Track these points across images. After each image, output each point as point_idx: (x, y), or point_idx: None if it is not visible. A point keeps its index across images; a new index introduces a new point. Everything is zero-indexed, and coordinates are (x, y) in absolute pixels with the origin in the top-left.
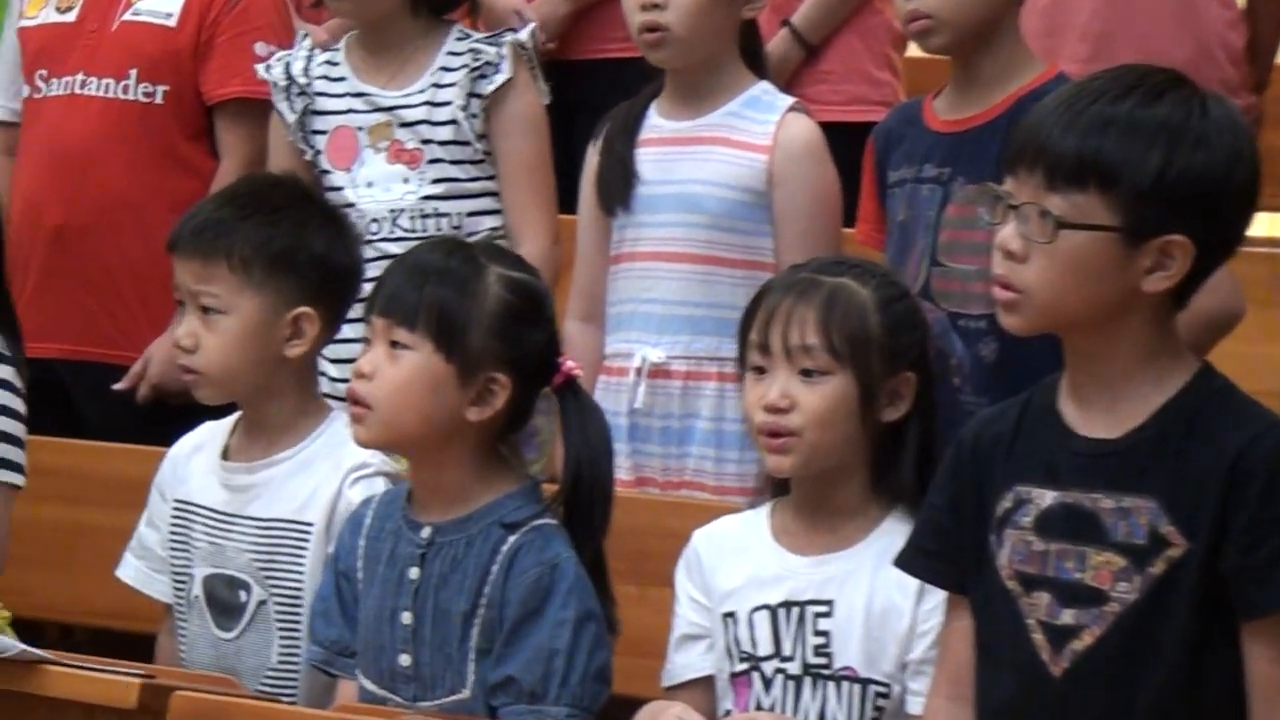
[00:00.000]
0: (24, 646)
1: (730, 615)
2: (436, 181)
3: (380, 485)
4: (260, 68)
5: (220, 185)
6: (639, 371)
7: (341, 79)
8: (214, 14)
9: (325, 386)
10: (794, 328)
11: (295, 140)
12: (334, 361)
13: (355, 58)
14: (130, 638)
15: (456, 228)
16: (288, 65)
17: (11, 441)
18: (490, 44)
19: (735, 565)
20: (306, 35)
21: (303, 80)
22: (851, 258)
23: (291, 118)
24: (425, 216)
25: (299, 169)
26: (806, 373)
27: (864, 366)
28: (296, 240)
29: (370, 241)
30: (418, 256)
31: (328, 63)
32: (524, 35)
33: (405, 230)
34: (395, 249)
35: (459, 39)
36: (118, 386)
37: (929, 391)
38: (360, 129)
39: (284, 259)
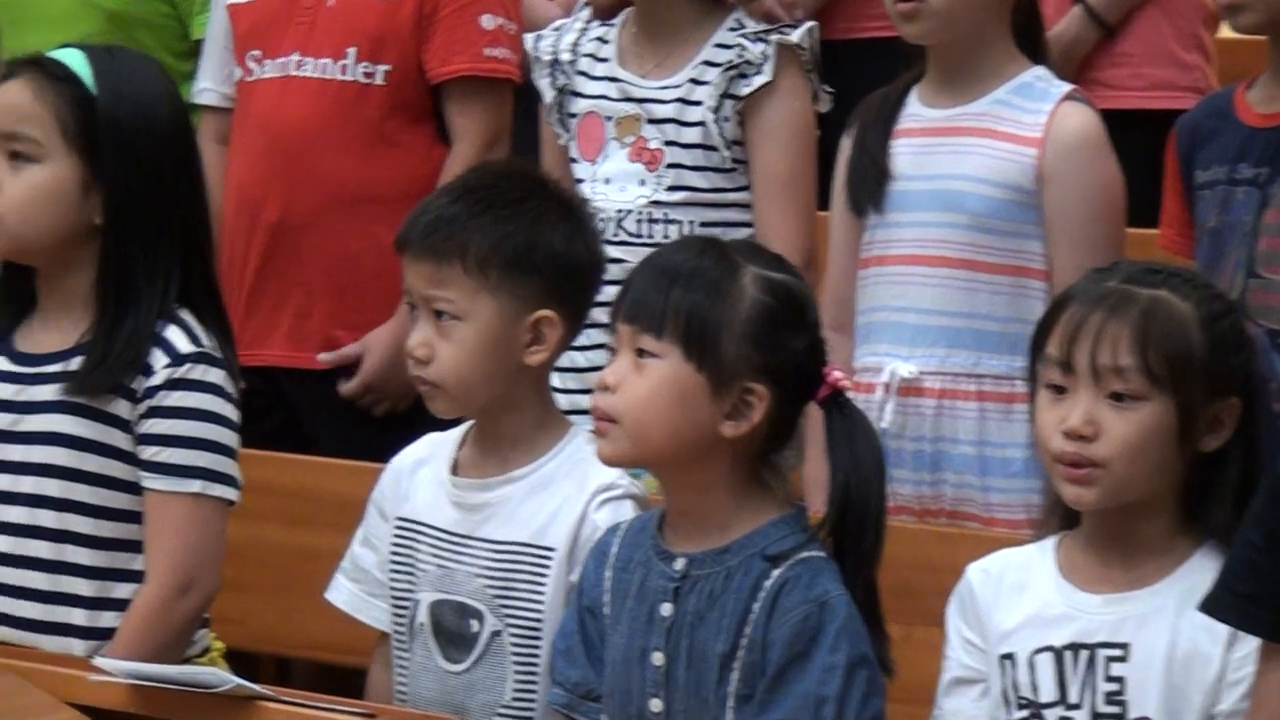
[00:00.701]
0: (239, 681)
1: (1008, 657)
2: (673, 188)
3: (628, 510)
4: (529, 38)
5: (453, 172)
6: (888, 388)
7: (604, 60)
8: None
9: None
10: (1104, 346)
11: (552, 123)
12: (560, 371)
13: (625, 37)
14: (344, 671)
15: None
16: (557, 39)
17: (223, 452)
18: (756, 41)
19: (1015, 603)
20: (586, 4)
21: (567, 57)
22: (1166, 265)
23: (549, 96)
24: (654, 222)
25: (560, 156)
26: (1116, 396)
27: (1184, 392)
28: (534, 237)
29: None
30: (666, 257)
31: (599, 39)
32: (796, 36)
33: (630, 234)
34: (619, 253)
35: (731, 29)
36: (323, 356)
37: (1253, 418)
38: (609, 119)
39: (522, 258)
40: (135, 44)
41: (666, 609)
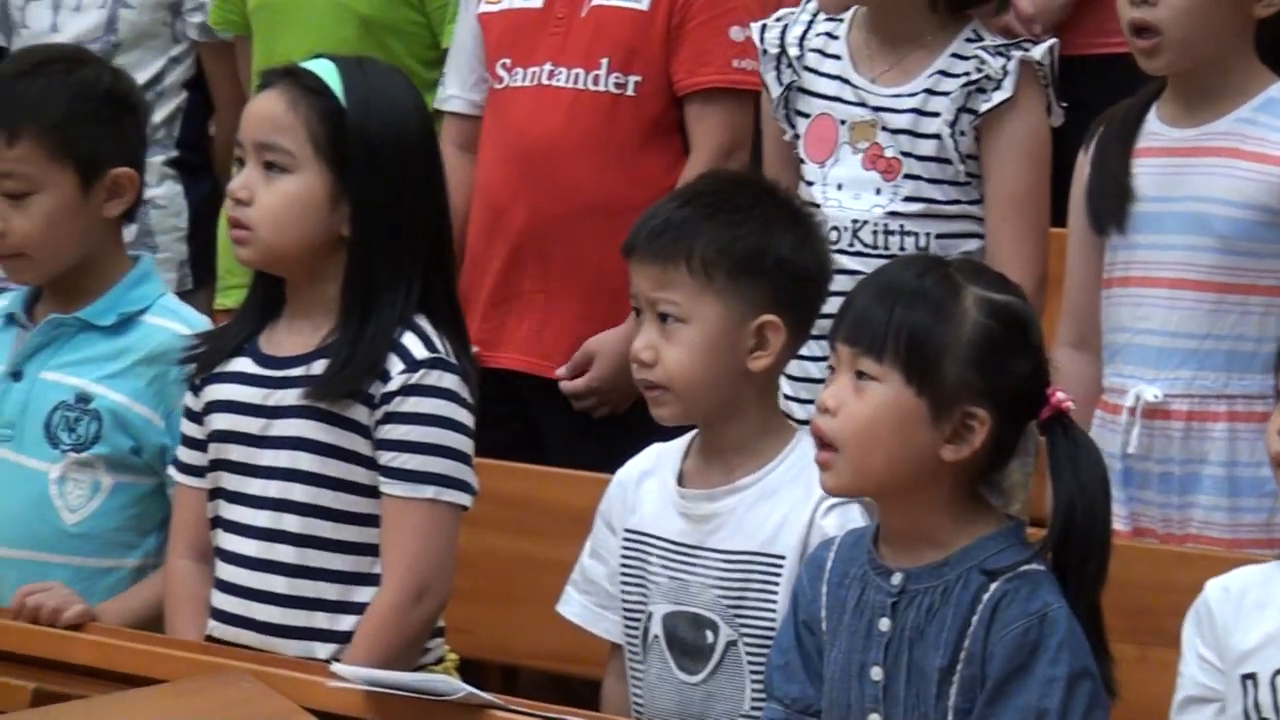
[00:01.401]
0: (470, 689)
1: (1250, 677)
2: (910, 199)
3: (856, 514)
4: (755, 27)
5: (687, 180)
6: (1133, 412)
7: (835, 57)
8: None
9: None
10: None
11: (778, 118)
12: (790, 379)
13: (856, 38)
14: (573, 681)
15: (923, 249)
16: (783, 31)
17: (457, 458)
18: (997, 55)
19: (1256, 621)
20: None
21: (794, 51)
22: None
23: (776, 91)
24: (890, 233)
25: (783, 151)
26: None
27: None
28: (762, 242)
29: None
30: (887, 276)
31: (827, 35)
32: (1038, 53)
33: (866, 245)
34: (853, 264)
35: (969, 40)
36: (560, 371)
37: None
38: (843, 122)
39: (748, 262)
40: (385, 50)
41: (884, 624)
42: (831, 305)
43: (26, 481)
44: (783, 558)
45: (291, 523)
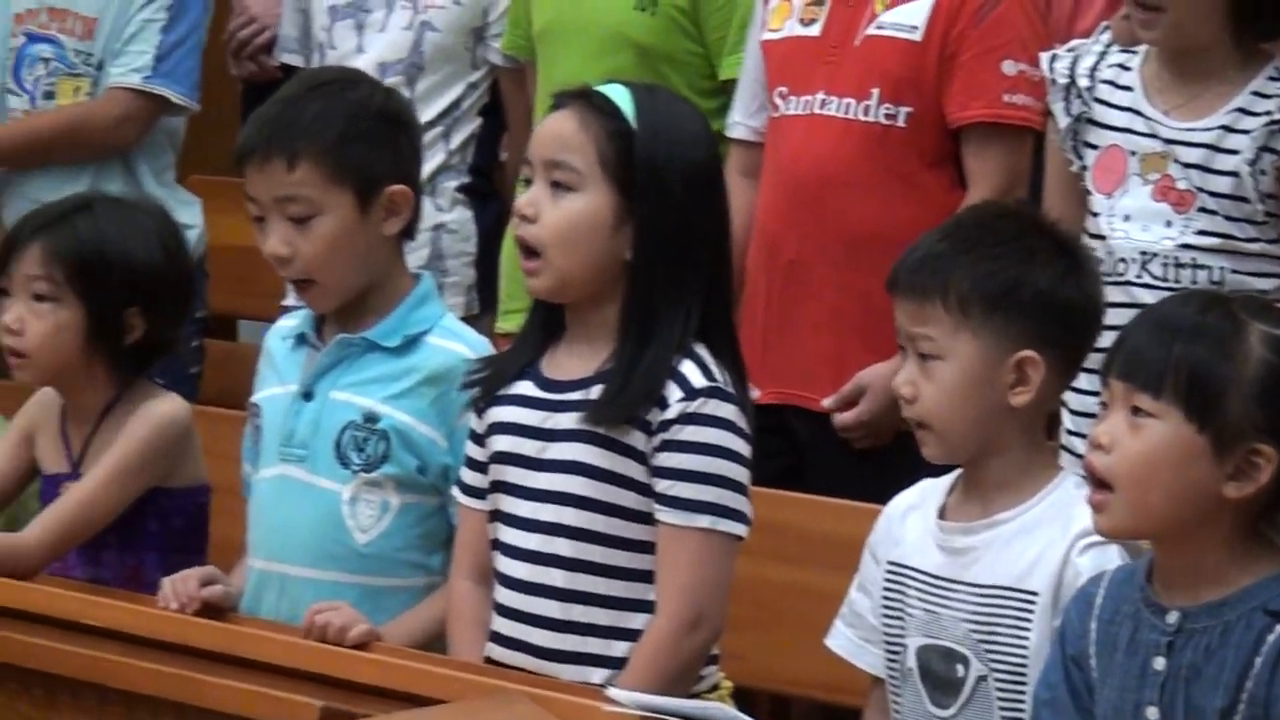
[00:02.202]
0: (744, 718)
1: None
2: (1205, 233)
3: (1114, 556)
4: (1045, 58)
5: None
6: None
7: (1127, 89)
8: (959, 27)
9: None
10: None
11: (1065, 148)
12: (1073, 413)
13: (1149, 70)
14: (843, 712)
15: (1217, 283)
16: (1074, 62)
17: (733, 488)
18: None
19: None
20: (1107, 28)
21: (1085, 82)
22: None
23: (1065, 121)
24: (1181, 266)
25: (1067, 182)
26: None
27: None
28: (1020, 276)
29: (1115, 283)
30: (1165, 311)
31: (1119, 66)
32: None
33: (1156, 278)
34: (1145, 296)
35: (1271, 78)
36: (826, 403)
37: None
38: (1133, 154)
39: (1004, 297)
40: (661, 79)
41: (1160, 663)
42: (1108, 339)
43: (320, 501)
44: (1036, 594)
45: (563, 546)
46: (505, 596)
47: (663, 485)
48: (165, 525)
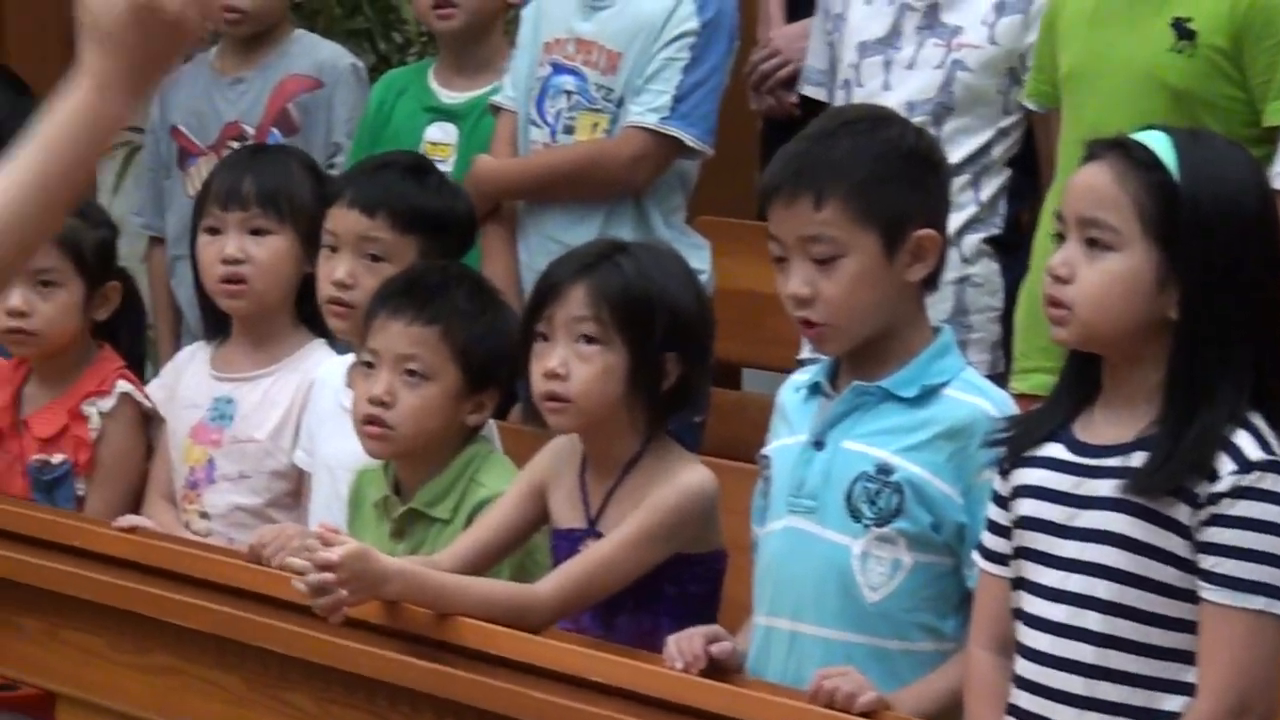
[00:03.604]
0: None
1: None
2: None
3: None
4: None
5: None
6: None
7: None
8: None
9: None
10: None
11: None
12: None
13: None
14: None
15: None
16: None
17: None
18: None
19: None
20: None
21: None
22: None
23: None
24: None
25: None
26: None
27: None
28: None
29: None
30: None
31: None
32: None
33: None
34: None
35: None
36: None
37: None
38: None
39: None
40: (1196, 125)
41: None
42: None
43: (829, 556)
44: None
45: (1093, 620)
46: (1027, 669)
47: (1210, 562)
48: (682, 590)
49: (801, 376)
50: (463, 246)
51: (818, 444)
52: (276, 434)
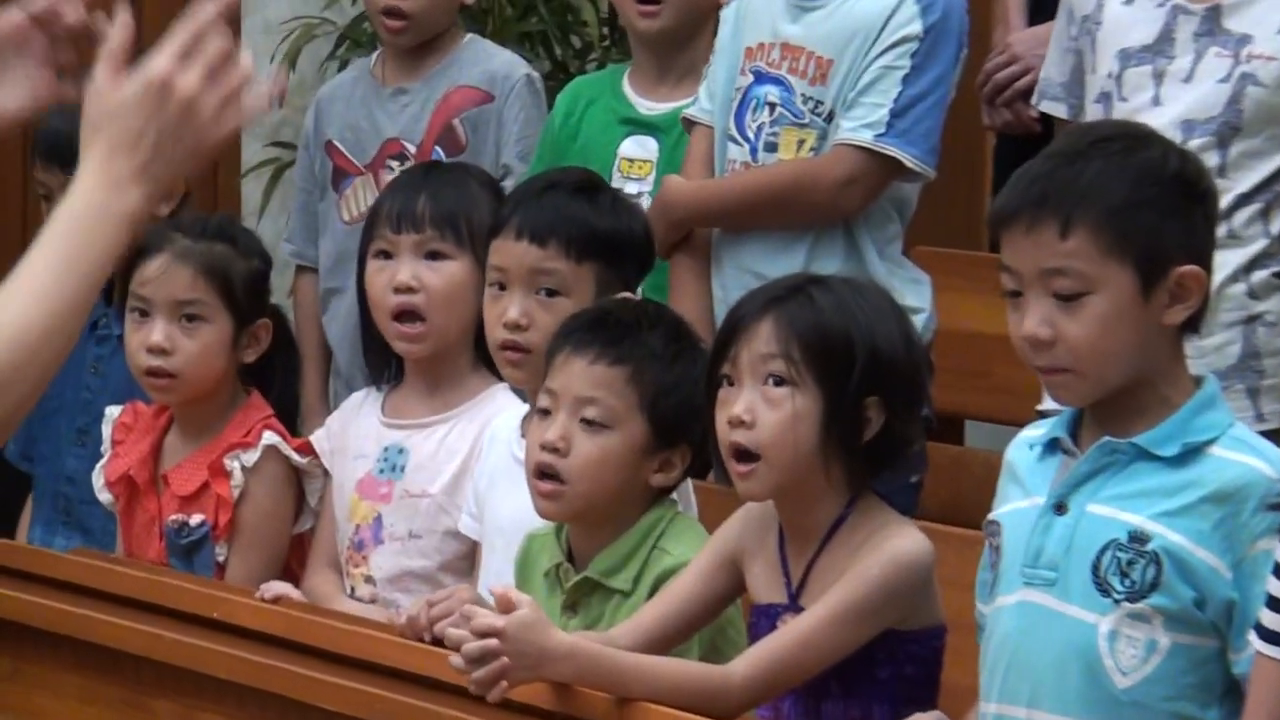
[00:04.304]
0: None
1: None
2: None
3: None
4: None
5: None
6: None
7: None
8: None
9: None
10: None
11: None
12: None
13: None
14: None
15: None
16: None
17: None
18: None
19: None
20: None
21: None
22: None
23: None
24: None
25: None
26: None
27: None
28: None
29: None
30: None
31: None
32: None
33: None
34: None
35: None
36: None
37: None
38: None
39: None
40: None
41: None
42: None
43: (1070, 634)
44: None
45: None
46: None
47: None
48: (897, 672)
49: (1035, 431)
50: (640, 273)
51: (1059, 507)
52: (452, 488)
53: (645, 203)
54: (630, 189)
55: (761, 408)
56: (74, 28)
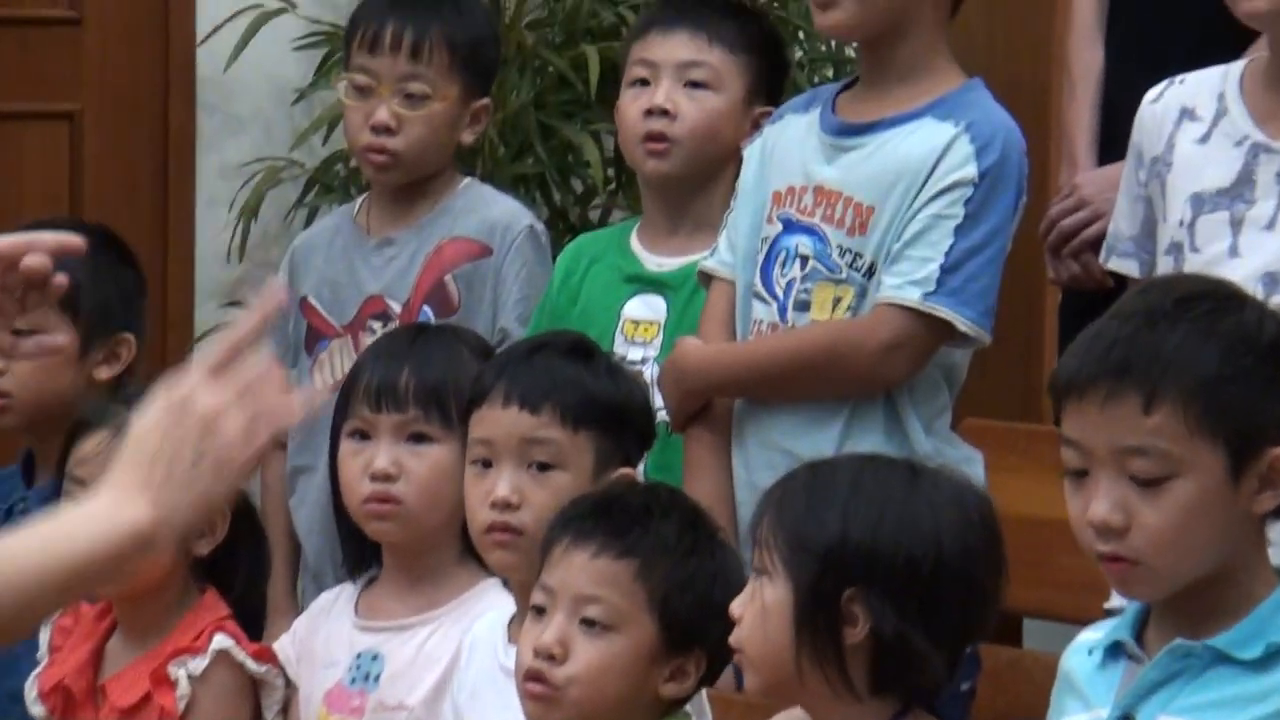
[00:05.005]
0: None
1: None
2: None
3: None
4: None
5: None
6: None
7: None
8: None
9: None
10: None
11: None
12: None
13: None
14: None
15: None
16: None
17: None
18: None
19: None
20: None
21: None
22: None
23: None
24: None
25: None
26: None
27: None
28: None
29: None
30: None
31: None
32: None
33: None
34: None
35: None
36: None
37: None
38: None
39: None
40: None
41: None
42: None
43: None
44: None
45: None
46: None
47: None
48: None
49: (1093, 634)
50: (641, 447)
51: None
52: (433, 701)
53: (650, 370)
54: (634, 355)
55: (744, 594)
56: (29, 275)
